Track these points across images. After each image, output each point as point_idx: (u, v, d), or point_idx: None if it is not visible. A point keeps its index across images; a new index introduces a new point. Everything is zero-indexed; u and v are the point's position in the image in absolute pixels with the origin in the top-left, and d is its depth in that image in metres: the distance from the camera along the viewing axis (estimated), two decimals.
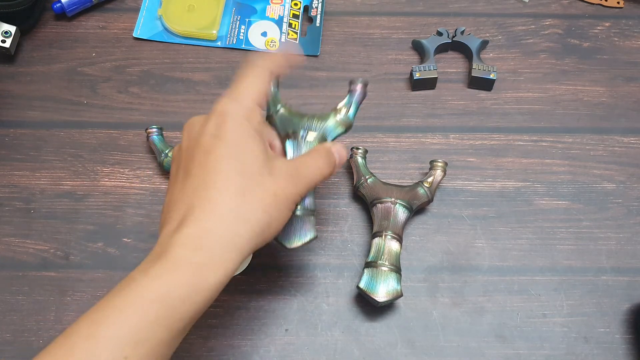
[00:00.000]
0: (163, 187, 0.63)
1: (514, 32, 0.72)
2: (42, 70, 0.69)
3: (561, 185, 0.63)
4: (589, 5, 0.74)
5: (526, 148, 0.65)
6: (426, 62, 0.68)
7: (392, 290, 0.55)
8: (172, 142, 0.65)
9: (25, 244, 0.60)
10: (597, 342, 0.56)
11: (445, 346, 0.56)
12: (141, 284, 0.42)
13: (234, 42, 0.71)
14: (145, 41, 0.71)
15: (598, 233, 0.61)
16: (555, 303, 0.58)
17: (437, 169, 0.61)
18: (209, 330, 0.56)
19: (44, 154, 0.65)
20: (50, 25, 0.72)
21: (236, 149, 0.45)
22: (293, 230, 0.51)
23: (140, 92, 0.68)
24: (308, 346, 0.56)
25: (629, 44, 0.72)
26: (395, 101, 0.68)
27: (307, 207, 0.52)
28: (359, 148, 0.63)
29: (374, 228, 0.58)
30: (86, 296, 0.58)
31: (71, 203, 0.62)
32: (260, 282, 0.59)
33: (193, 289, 0.42)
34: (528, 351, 0.56)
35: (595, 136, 0.66)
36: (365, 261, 0.57)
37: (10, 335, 0.56)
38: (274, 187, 0.46)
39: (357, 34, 0.72)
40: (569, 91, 0.69)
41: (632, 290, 0.59)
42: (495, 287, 0.59)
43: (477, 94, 0.68)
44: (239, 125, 0.46)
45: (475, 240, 0.61)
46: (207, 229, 0.43)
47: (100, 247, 0.60)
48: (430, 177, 0.61)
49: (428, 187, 0.60)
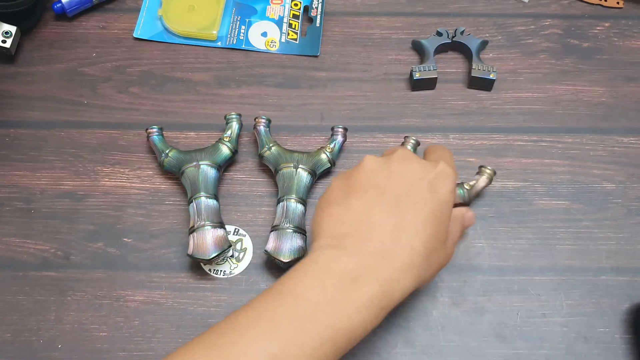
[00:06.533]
0: (163, 187, 0.63)
1: (514, 32, 0.72)
2: (43, 70, 0.69)
3: (561, 185, 0.64)
4: (589, 5, 0.74)
5: (526, 148, 0.66)
6: (426, 63, 0.68)
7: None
8: (172, 142, 0.65)
9: (25, 244, 0.60)
10: (596, 342, 0.56)
11: (445, 346, 0.56)
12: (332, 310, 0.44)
13: (234, 43, 0.71)
14: (145, 41, 0.72)
15: (598, 233, 0.61)
16: (555, 303, 0.58)
17: (484, 174, 0.60)
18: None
19: (45, 154, 0.65)
20: (50, 25, 0.72)
21: (441, 212, 0.49)
22: (287, 246, 0.57)
23: (141, 92, 0.68)
24: None
25: (629, 44, 0.72)
26: (395, 101, 0.68)
27: (298, 226, 0.57)
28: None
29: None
30: (86, 296, 0.58)
31: (71, 203, 0.62)
32: (260, 282, 0.59)
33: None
34: (528, 351, 0.56)
35: (595, 136, 0.66)
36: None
37: (11, 335, 0.56)
38: (443, 255, 0.50)
39: (357, 34, 0.72)
40: (568, 91, 0.69)
41: (632, 290, 0.59)
42: (495, 287, 0.59)
43: (476, 94, 0.69)
44: (452, 192, 0.50)
45: (475, 240, 0.61)
46: (396, 271, 0.46)
47: (100, 247, 0.60)
48: (473, 181, 0.60)
49: (468, 190, 0.60)
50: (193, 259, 0.58)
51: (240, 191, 0.63)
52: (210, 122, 0.67)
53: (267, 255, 0.57)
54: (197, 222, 0.57)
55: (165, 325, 0.57)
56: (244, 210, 0.62)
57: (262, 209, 0.62)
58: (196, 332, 0.56)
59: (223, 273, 0.59)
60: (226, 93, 0.68)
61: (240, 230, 0.61)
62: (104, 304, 0.57)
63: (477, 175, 0.61)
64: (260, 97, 0.68)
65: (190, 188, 0.59)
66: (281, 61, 0.70)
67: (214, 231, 0.57)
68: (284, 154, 0.61)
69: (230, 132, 0.63)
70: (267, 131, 0.64)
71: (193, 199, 0.58)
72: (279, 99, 0.68)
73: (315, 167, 0.61)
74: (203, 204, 0.58)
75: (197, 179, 0.59)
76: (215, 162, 0.61)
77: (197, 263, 0.59)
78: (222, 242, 0.57)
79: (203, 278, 0.59)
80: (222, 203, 0.62)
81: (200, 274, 0.59)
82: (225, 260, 0.60)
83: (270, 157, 0.62)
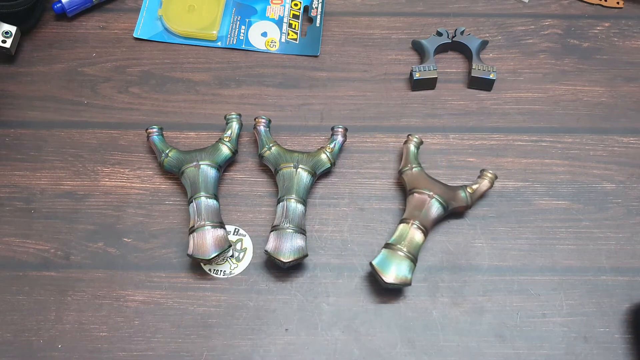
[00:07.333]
0: (163, 187, 0.63)
1: (514, 32, 0.72)
2: (43, 70, 0.70)
3: (561, 185, 0.64)
4: (589, 5, 0.74)
5: (526, 148, 0.66)
6: (426, 63, 0.68)
7: (401, 275, 0.56)
8: (172, 142, 0.65)
9: (25, 244, 0.60)
10: (596, 342, 0.56)
11: (445, 346, 0.56)
12: None
13: (234, 43, 0.71)
14: (145, 41, 0.72)
15: (597, 233, 0.61)
16: (555, 303, 0.58)
17: (485, 178, 0.61)
18: (209, 330, 0.56)
19: (45, 154, 0.65)
20: (50, 25, 0.72)
21: None
22: (287, 246, 0.57)
23: (141, 92, 0.68)
24: (308, 346, 0.56)
25: (629, 44, 0.72)
26: (395, 101, 0.68)
27: (298, 226, 0.57)
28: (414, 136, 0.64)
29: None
30: (86, 296, 0.58)
31: (71, 203, 0.62)
32: (260, 282, 0.59)
33: None
34: (528, 351, 0.56)
35: (594, 136, 0.66)
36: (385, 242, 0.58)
37: (11, 335, 0.56)
38: None
39: (357, 34, 0.72)
40: (568, 91, 0.69)
41: (632, 290, 0.59)
42: (495, 287, 0.59)
43: (476, 94, 0.69)
44: None
45: (475, 240, 0.61)
46: None
47: (100, 247, 0.60)
48: (476, 185, 0.61)
49: (470, 193, 0.60)
50: (193, 259, 0.58)
51: (240, 191, 0.63)
52: (210, 122, 0.67)
53: (267, 255, 0.57)
54: (197, 222, 0.57)
55: (165, 325, 0.57)
56: (244, 210, 0.62)
57: (262, 209, 0.62)
58: (196, 332, 0.56)
59: (223, 273, 0.59)
60: (226, 93, 0.68)
61: (240, 230, 0.61)
62: (104, 304, 0.58)
63: (479, 179, 0.61)
64: (260, 97, 0.68)
65: (190, 188, 0.59)
66: (281, 61, 0.70)
67: (214, 231, 0.57)
68: (284, 154, 0.61)
69: (230, 132, 0.63)
70: (267, 131, 0.64)
71: (193, 199, 0.59)
72: (279, 99, 0.68)
73: (315, 167, 0.61)
74: (203, 204, 0.58)
75: (197, 179, 0.59)
76: (215, 162, 0.61)
77: (197, 263, 0.59)
78: (222, 242, 0.57)
79: (203, 278, 0.59)
80: (222, 203, 0.62)
81: (200, 274, 0.59)
82: (225, 260, 0.60)
83: (270, 157, 0.62)
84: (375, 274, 0.56)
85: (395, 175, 0.64)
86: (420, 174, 0.61)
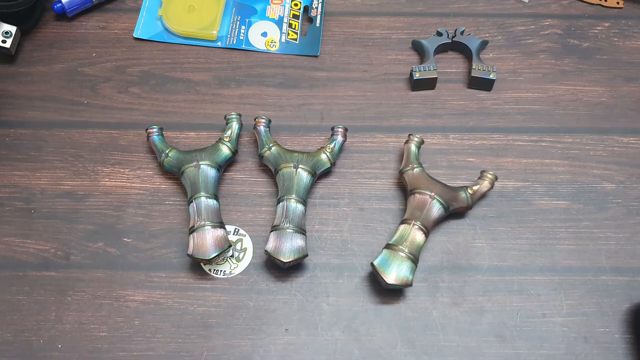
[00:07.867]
0: (163, 187, 0.63)
1: (514, 32, 0.72)
2: (43, 70, 0.70)
3: (561, 185, 0.64)
4: (589, 5, 0.74)
5: (526, 148, 0.66)
6: (426, 62, 0.68)
7: (402, 276, 0.56)
8: (172, 142, 0.65)
9: (25, 244, 0.60)
10: (596, 342, 0.56)
11: (445, 346, 0.56)
12: None
13: (234, 43, 0.71)
14: (145, 41, 0.72)
15: (597, 233, 0.61)
16: (555, 303, 0.58)
17: (486, 180, 0.61)
18: (209, 330, 0.56)
19: (45, 154, 0.65)
20: (50, 25, 0.72)
21: None
22: (287, 246, 0.57)
23: (141, 92, 0.68)
24: (308, 346, 0.56)
25: (629, 44, 0.72)
26: (395, 101, 0.68)
27: (298, 226, 0.57)
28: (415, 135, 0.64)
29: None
30: (86, 296, 0.58)
31: (71, 203, 0.62)
32: (260, 282, 0.59)
33: None
34: (528, 351, 0.56)
35: (594, 136, 0.66)
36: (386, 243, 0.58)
37: (11, 335, 0.56)
38: None
39: (357, 34, 0.72)
40: (568, 91, 0.69)
41: (632, 290, 0.59)
42: (495, 287, 0.59)
43: (476, 94, 0.69)
44: None
45: (475, 240, 0.61)
46: None
47: (100, 247, 0.60)
48: (476, 186, 0.61)
49: (471, 194, 0.60)
50: (193, 259, 0.58)
51: (240, 191, 0.63)
52: (210, 122, 0.67)
53: (267, 255, 0.57)
54: (197, 222, 0.57)
55: (165, 325, 0.57)
56: (244, 210, 0.62)
57: (262, 209, 0.62)
58: (196, 332, 0.56)
59: (223, 273, 0.59)
60: (226, 93, 0.68)
61: (240, 230, 0.61)
62: (104, 304, 0.58)
63: (479, 180, 0.61)
64: (260, 97, 0.68)
65: (190, 188, 0.59)
66: (281, 61, 0.70)
67: (214, 231, 0.57)
68: (284, 154, 0.61)
69: (230, 132, 0.63)
70: (267, 131, 0.64)
71: (193, 199, 0.59)
72: (279, 99, 0.68)
73: (315, 167, 0.61)
74: (203, 204, 0.58)
75: (197, 179, 0.59)
76: (215, 162, 0.61)
77: (197, 263, 0.59)
78: (222, 242, 0.57)
79: (203, 278, 0.59)
80: (222, 203, 0.62)
81: (200, 274, 0.59)
82: (225, 260, 0.60)
83: (270, 157, 0.62)
84: (376, 275, 0.56)
85: (395, 175, 0.64)
86: (421, 175, 0.61)
